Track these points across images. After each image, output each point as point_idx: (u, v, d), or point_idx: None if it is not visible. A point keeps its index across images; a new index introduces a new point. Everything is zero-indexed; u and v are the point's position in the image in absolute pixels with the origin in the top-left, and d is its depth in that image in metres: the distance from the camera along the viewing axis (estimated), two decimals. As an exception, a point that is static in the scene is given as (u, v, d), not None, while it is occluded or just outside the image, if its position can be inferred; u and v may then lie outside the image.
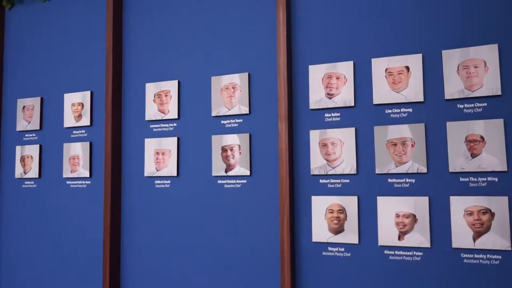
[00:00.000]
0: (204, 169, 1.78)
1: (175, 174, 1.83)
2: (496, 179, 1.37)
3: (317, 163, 1.59)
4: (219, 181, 1.75)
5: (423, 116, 1.47)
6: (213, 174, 1.75)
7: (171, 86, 1.87)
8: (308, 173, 1.61)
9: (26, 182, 2.19)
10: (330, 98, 1.60)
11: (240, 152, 1.71)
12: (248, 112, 1.72)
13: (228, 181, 1.74)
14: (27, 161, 2.18)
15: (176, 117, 1.85)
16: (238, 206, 1.71)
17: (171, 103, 1.87)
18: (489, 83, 1.39)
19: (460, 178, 1.41)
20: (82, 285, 1.98)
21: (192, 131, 1.83)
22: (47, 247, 2.08)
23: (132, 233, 1.91)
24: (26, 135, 2.21)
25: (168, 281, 1.82)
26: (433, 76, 1.47)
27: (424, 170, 1.44)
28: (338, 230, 1.54)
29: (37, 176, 2.15)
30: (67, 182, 2.08)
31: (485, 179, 1.38)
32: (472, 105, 1.41)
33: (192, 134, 1.83)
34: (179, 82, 1.87)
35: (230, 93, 1.75)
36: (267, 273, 1.63)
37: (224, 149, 1.74)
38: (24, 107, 2.22)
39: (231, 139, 1.73)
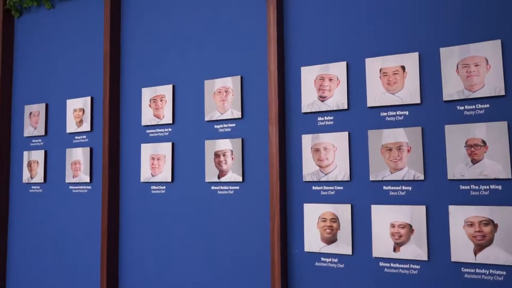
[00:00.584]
0: (198, 175, 1.75)
1: (169, 180, 1.80)
2: (500, 187, 1.25)
3: (309, 169, 1.52)
4: (213, 187, 1.71)
5: (420, 119, 1.37)
6: (206, 180, 1.71)
7: (166, 90, 1.85)
8: (300, 180, 1.54)
9: (32, 187, 2.23)
10: (322, 101, 1.52)
11: (232, 158, 1.66)
12: (240, 116, 1.67)
13: (221, 188, 1.69)
14: (33, 166, 2.22)
15: (171, 122, 1.83)
16: (231, 213, 1.66)
17: (166, 108, 1.85)
18: (492, 83, 1.28)
19: (460, 186, 1.30)
20: (81, 285, 2.00)
21: (186, 136, 1.80)
22: (50, 250, 2.11)
23: (129, 239, 1.90)
24: (33, 141, 2.25)
25: (162, 284, 1.80)
26: (430, 76, 1.36)
27: (421, 177, 1.34)
28: (331, 239, 1.47)
29: (43, 181, 2.18)
30: (70, 187, 2.10)
31: (487, 187, 1.26)
32: (473, 106, 1.30)
33: (186, 139, 1.80)
34: (173, 87, 1.85)
35: (222, 97, 1.71)
36: (258, 283, 1.57)
37: (216, 155, 1.70)
38: (30, 113, 2.26)
39: (224, 144, 1.69)
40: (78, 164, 2.07)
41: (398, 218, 1.37)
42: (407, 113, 1.39)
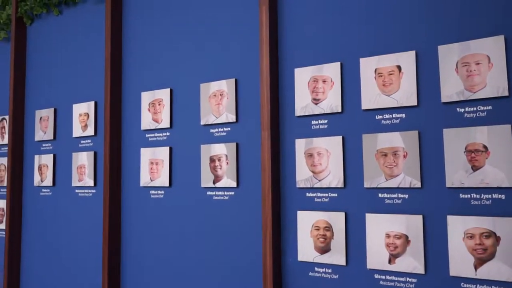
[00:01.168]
0: (195, 180, 1.72)
1: (167, 184, 1.79)
2: (503, 197, 1.15)
3: (303, 175, 1.46)
4: (208, 193, 1.68)
5: (416, 122, 1.28)
6: (202, 186, 1.68)
7: (164, 94, 1.84)
8: (294, 186, 1.48)
9: (43, 190, 2.28)
10: (316, 104, 1.45)
11: (227, 163, 1.63)
12: (235, 120, 1.62)
13: (217, 193, 1.66)
14: (43, 170, 2.27)
15: (169, 126, 1.81)
16: (226, 219, 1.62)
17: (164, 112, 1.83)
18: (494, 83, 1.17)
19: (460, 195, 1.20)
20: (86, 283, 2.03)
21: (183, 140, 1.77)
22: (59, 252, 2.15)
23: (130, 245, 1.90)
24: (43, 145, 2.30)
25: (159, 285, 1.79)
26: (428, 76, 1.27)
27: (418, 184, 1.26)
28: (325, 249, 1.40)
29: (52, 184, 2.23)
30: (76, 191, 2.13)
31: (489, 196, 1.16)
32: (474, 108, 1.20)
33: (183, 143, 1.77)
34: (171, 90, 1.83)
35: (218, 101, 1.67)
36: (251, 292, 1.53)
37: (212, 159, 1.67)
38: (41, 118, 2.31)
39: (219, 149, 1.65)
40: (83, 168, 2.09)
41: (394, 228, 1.28)
42: (403, 116, 1.30)
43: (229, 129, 1.65)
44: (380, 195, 1.32)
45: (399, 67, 1.31)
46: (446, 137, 1.22)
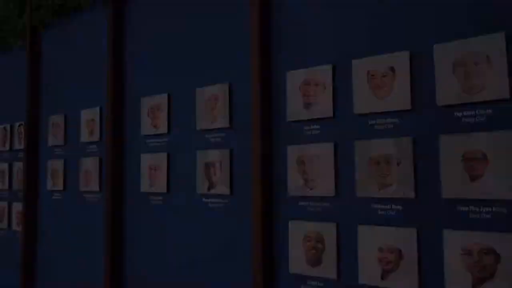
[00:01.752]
0: (191, 186, 1.70)
1: (165, 190, 1.77)
2: (504, 210, 1.04)
3: (294, 183, 1.40)
4: (204, 200, 1.65)
5: (411, 128, 1.18)
6: (198, 192, 1.65)
7: (162, 99, 1.82)
8: (285, 194, 1.42)
9: (55, 194, 2.33)
10: (307, 109, 1.39)
11: (221, 169, 1.58)
12: (228, 126, 1.58)
13: (212, 200, 1.62)
14: (55, 175, 2.32)
15: (166, 131, 1.79)
16: (219, 227, 1.58)
17: (162, 117, 1.82)
18: (494, 84, 1.06)
19: (457, 207, 1.10)
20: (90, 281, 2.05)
21: (180, 146, 1.75)
22: (68, 254, 2.19)
23: (132, 251, 1.90)
24: (55, 150, 2.35)
25: (160, 300, 1.77)
26: (423, 77, 1.17)
27: (412, 195, 1.16)
28: (316, 261, 1.33)
29: (62, 189, 2.27)
30: (84, 196, 2.16)
31: (489, 209, 1.06)
32: (473, 112, 1.10)
33: (180, 149, 1.75)
34: (169, 96, 1.81)
35: (212, 105, 1.64)
36: (243, 304, 1.48)
37: (207, 165, 1.63)
38: (53, 123, 2.36)
39: (213, 155, 1.61)
40: (89, 173, 2.12)
41: (387, 241, 1.20)
42: (397, 121, 1.21)
43: (224, 134, 1.60)
44: (373, 205, 1.24)
45: (392, 69, 1.22)
46: (442, 143, 1.12)
